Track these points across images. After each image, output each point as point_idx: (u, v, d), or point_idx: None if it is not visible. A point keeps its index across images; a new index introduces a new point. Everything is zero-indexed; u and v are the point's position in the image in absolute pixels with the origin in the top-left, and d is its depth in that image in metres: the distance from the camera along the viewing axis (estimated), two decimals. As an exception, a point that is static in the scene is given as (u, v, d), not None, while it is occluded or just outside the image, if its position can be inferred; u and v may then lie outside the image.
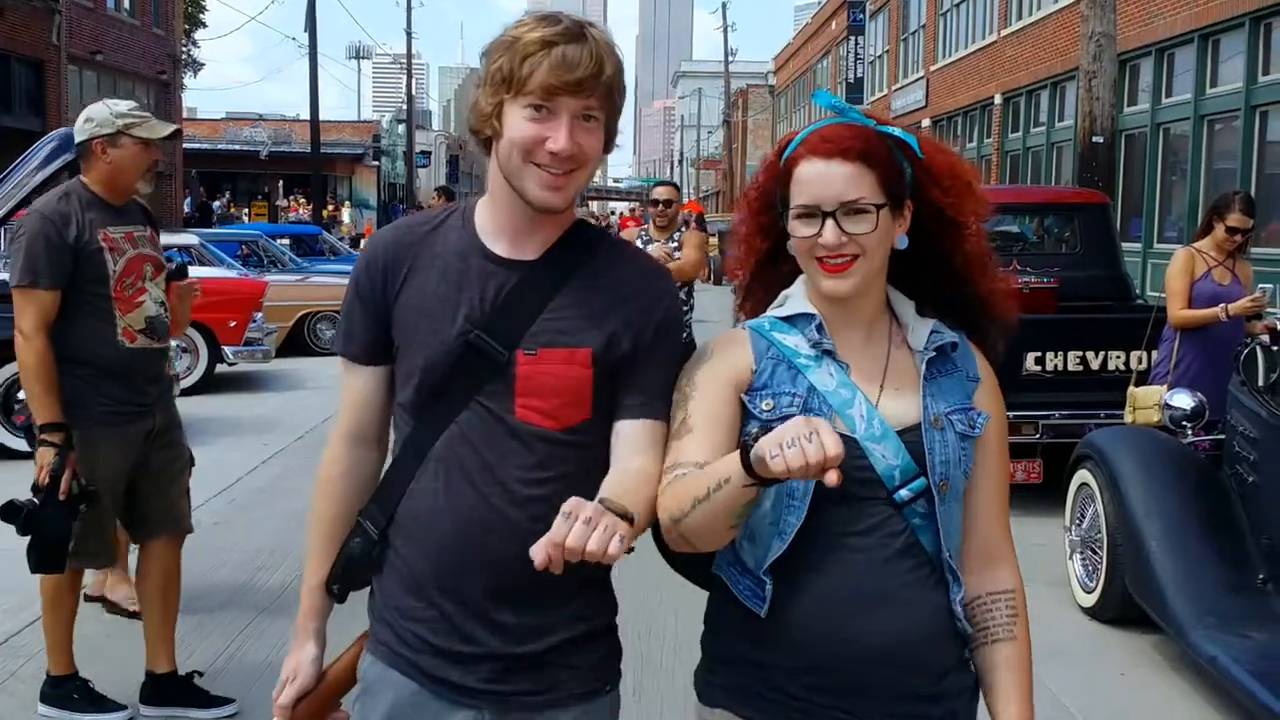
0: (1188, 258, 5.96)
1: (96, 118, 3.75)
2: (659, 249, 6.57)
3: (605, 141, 1.75)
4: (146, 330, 3.77)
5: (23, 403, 3.70)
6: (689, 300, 6.81)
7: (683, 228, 7.29)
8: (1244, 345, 4.86)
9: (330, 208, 35.00)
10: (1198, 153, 15.84)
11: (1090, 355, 6.63)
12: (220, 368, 10.79)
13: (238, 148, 41.24)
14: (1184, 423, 5.09)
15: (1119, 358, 6.60)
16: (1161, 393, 5.46)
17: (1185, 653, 4.18)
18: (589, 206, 57.78)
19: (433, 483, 1.75)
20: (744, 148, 58.58)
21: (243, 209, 36.46)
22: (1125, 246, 10.33)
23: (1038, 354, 6.60)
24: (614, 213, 59.50)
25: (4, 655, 4.35)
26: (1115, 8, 11.87)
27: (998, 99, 24.04)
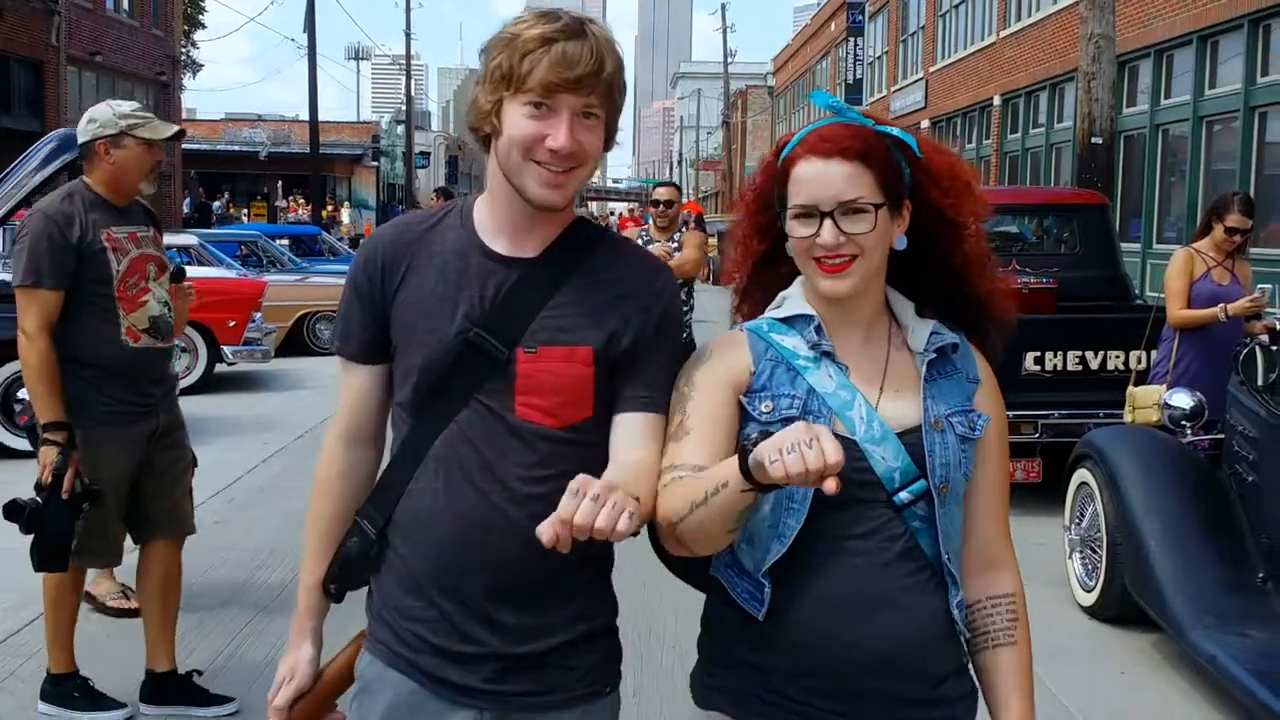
0: (1187, 258, 5.97)
1: (100, 118, 3.75)
2: (660, 249, 6.58)
3: (605, 139, 1.73)
4: (150, 330, 3.77)
5: (23, 403, 3.70)
6: (689, 300, 6.82)
7: (683, 228, 7.30)
8: (1243, 345, 4.87)
9: (329, 208, 34.95)
10: (1196, 154, 15.84)
11: (1089, 355, 6.64)
12: (219, 368, 10.80)
13: (237, 148, 41.21)
14: (1183, 422, 5.10)
15: (1118, 358, 6.61)
16: (1161, 392, 5.47)
17: (1185, 652, 4.18)
18: (588, 207, 57.62)
19: (432, 482, 1.74)
20: (743, 149, 58.55)
21: (242, 209, 36.44)
22: (1124, 247, 10.33)
23: (1037, 354, 6.60)
24: (613, 213, 59.38)
25: (4, 654, 4.35)
26: (1114, 9, 11.88)
27: (997, 100, 24.04)
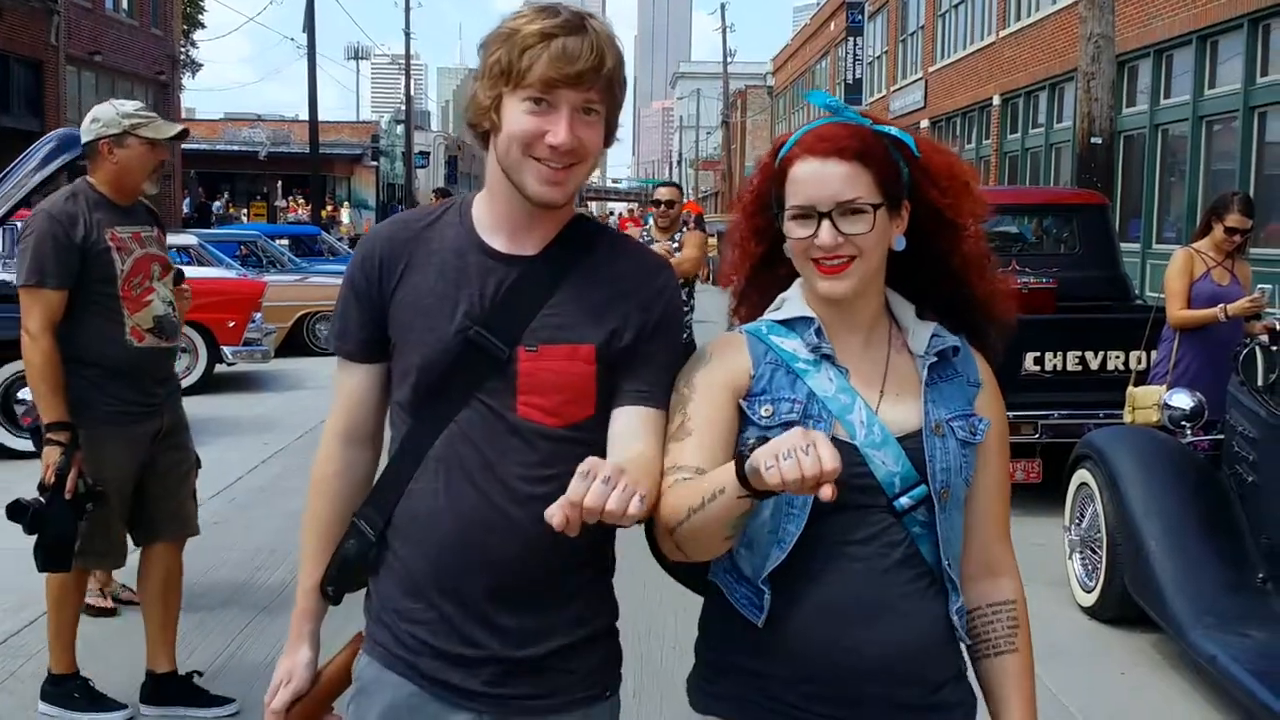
0: (1187, 258, 5.97)
1: (103, 118, 3.75)
2: (661, 249, 6.58)
3: (605, 135, 1.71)
4: (155, 329, 3.77)
5: (25, 404, 3.70)
6: (690, 300, 6.82)
7: (684, 228, 7.31)
8: (1243, 345, 4.87)
9: (329, 208, 34.93)
10: (1196, 154, 15.84)
11: (1089, 355, 6.63)
12: (219, 368, 10.79)
13: (236, 148, 41.17)
14: (1183, 422, 5.10)
15: (1118, 358, 6.61)
16: (1160, 393, 5.47)
17: (1185, 652, 4.18)
18: (588, 207, 57.63)
19: (432, 482, 1.72)
20: (742, 148, 58.51)
21: (241, 209, 36.42)
22: (1124, 247, 10.33)
23: (1037, 354, 6.60)
24: (613, 213, 59.37)
25: (4, 654, 4.34)
26: (1114, 9, 11.89)
27: (996, 100, 24.03)
